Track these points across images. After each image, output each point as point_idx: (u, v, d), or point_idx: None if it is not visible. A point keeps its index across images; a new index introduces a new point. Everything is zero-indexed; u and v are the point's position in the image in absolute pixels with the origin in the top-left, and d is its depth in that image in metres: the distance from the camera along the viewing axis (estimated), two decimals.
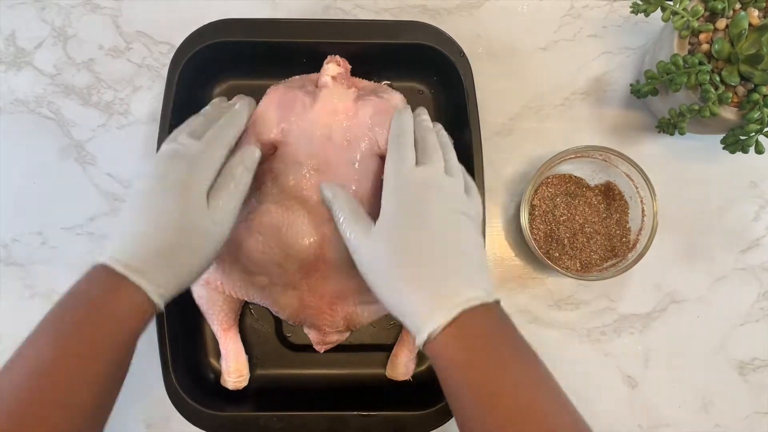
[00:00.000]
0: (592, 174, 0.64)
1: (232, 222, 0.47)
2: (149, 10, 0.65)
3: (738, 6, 0.54)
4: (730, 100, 0.53)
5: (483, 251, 0.47)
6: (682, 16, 0.53)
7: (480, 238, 0.47)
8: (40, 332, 0.41)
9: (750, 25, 0.53)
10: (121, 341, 0.41)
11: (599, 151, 0.59)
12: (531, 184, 0.59)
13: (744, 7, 0.54)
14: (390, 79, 0.63)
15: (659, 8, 0.54)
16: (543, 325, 0.63)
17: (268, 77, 0.59)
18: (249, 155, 0.49)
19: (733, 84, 0.53)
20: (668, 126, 0.59)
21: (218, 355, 0.60)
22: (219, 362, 0.60)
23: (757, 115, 0.52)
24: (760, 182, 0.65)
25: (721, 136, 0.56)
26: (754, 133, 0.53)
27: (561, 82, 0.66)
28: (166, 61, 0.64)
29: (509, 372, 0.40)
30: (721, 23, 0.54)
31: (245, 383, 0.59)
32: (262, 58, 0.59)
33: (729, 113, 0.54)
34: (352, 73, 0.57)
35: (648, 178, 0.59)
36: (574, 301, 0.63)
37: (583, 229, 0.62)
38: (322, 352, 0.58)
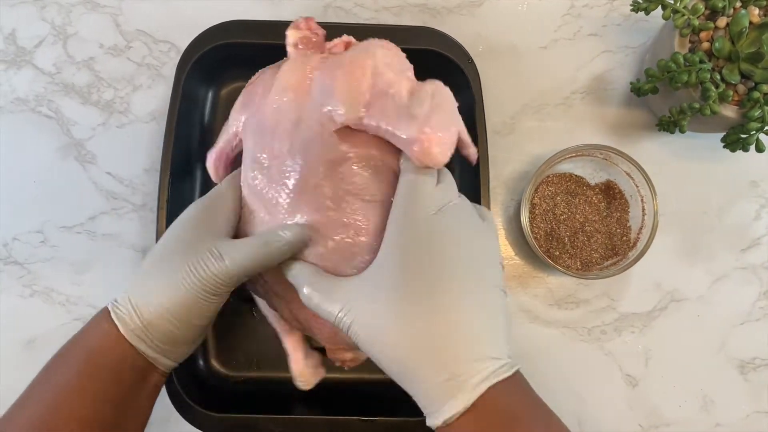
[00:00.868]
0: (592, 173, 0.64)
1: (243, 273, 0.42)
2: (150, 9, 0.65)
3: (738, 4, 0.54)
4: (731, 99, 0.53)
5: (503, 300, 0.39)
6: (683, 14, 0.53)
7: (502, 281, 0.40)
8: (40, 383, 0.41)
9: (750, 23, 0.53)
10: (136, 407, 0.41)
11: (600, 149, 0.59)
12: (531, 183, 0.59)
13: (744, 5, 0.54)
14: None
15: (659, 6, 0.54)
16: (543, 324, 0.63)
17: None
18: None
19: (733, 82, 0.53)
20: (669, 124, 0.59)
21: (219, 356, 0.59)
22: (220, 364, 0.59)
23: (757, 113, 0.52)
24: (761, 181, 0.65)
25: (722, 135, 0.56)
26: (754, 132, 0.53)
27: (561, 81, 0.66)
28: (167, 59, 0.65)
29: None
30: (722, 21, 0.54)
31: (308, 387, 0.53)
32: (270, 61, 0.59)
33: (729, 111, 0.54)
34: None
35: (648, 177, 0.59)
36: (574, 300, 0.63)
37: (584, 228, 0.62)
38: (346, 368, 0.53)
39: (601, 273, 0.60)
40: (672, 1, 0.54)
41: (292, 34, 0.46)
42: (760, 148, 0.54)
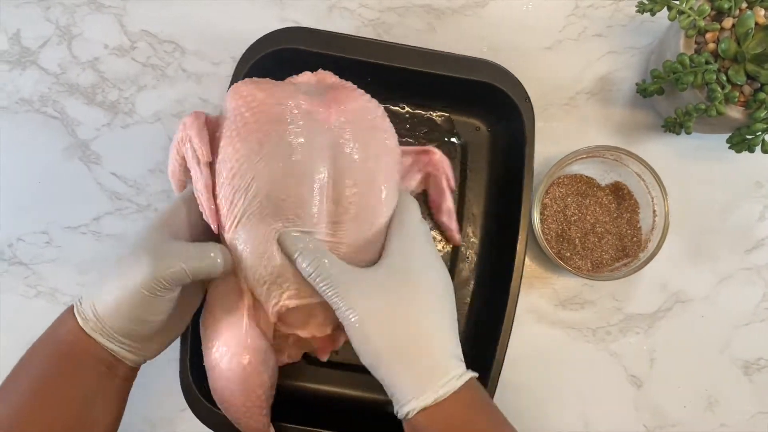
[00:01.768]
0: (602, 174, 0.64)
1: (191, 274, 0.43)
2: (154, 9, 0.65)
3: (744, 5, 0.54)
4: (737, 100, 0.53)
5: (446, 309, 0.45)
6: (689, 15, 0.53)
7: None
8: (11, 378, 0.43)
9: (756, 24, 0.53)
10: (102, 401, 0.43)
11: (610, 150, 0.59)
12: (542, 184, 0.59)
13: (750, 6, 0.54)
14: (449, 112, 0.63)
15: (665, 7, 0.54)
16: (549, 324, 0.63)
17: None
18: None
19: (739, 83, 0.53)
20: (674, 125, 0.58)
21: None
22: None
23: (763, 114, 0.52)
24: (766, 182, 0.65)
25: (727, 136, 0.56)
26: (760, 133, 0.53)
27: (566, 82, 0.65)
28: (171, 60, 0.65)
29: None
30: (728, 22, 0.54)
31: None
32: (330, 70, 0.58)
33: (735, 112, 0.54)
34: (411, 99, 0.57)
35: (659, 178, 0.59)
36: (579, 301, 0.63)
37: (594, 229, 0.62)
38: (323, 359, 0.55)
39: (612, 274, 0.60)
40: (678, 2, 0.54)
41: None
42: (766, 149, 0.54)
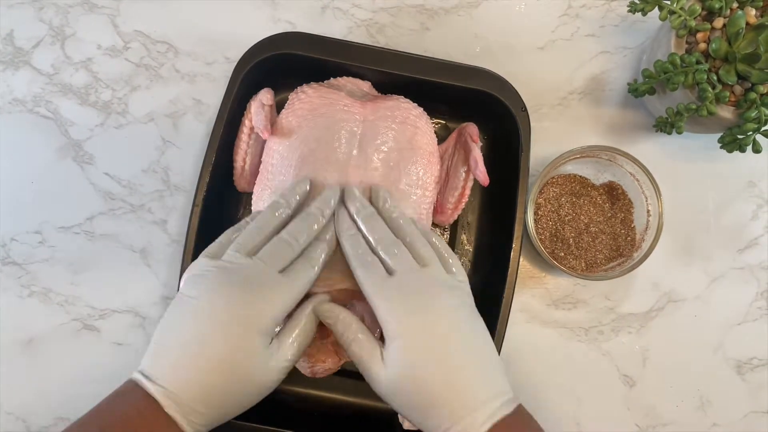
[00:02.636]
0: (596, 173, 0.64)
1: (288, 370, 0.44)
2: (147, 10, 0.65)
3: (735, 5, 0.54)
4: (728, 99, 0.53)
5: (490, 340, 0.45)
6: (680, 15, 0.53)
7: (480, 324, 0.45)
8: None
9: (747, 24, 0.53)
10: None
11: (604, 150, 0.59)
12: (536, 184, 0.59)
13: (741, 6, 0.54)
14: (445, 119, 0.64)
15: (656, 7, 0.54)
16: (541, 324, 0.63)
17: None
18: (320, 302, 0.47)
19: (730, 83, 0.53)
20: (666, 125, 0.59)
21: None
22: None
23: (754, 114, 0.52)
24: (758, 181, 0.65)
25: (719, 136, 0.56)
26: (751, 132, 0.53)
27: (559, 82, 0.66)
28: (165, 60, 0.65)
29: None
30: (719, 22, 0.54)
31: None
32: (327, 75, 0.59)
33: (726, 112, 0.54)
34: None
35: (653, 178, 0.59)
36: (572, 301, 0.63)
37: (588, 229, 0.62)
38: (311, 376, 0.56)
39: (606, 274, 0.60)
40: (669, 2, 0.54)
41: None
42: (757, 149, 0.54)
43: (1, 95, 0.64)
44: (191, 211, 0.56)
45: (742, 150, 0.55)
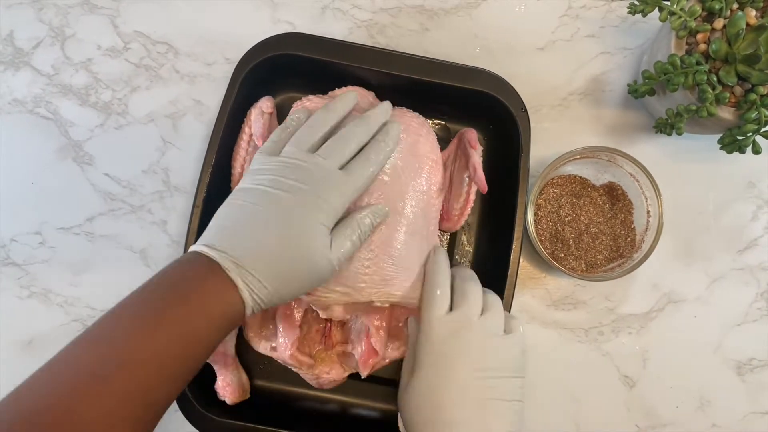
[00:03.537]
0: (596, 174, 0.64)
1: (341, 264, 0.46)
2: (147, 11, 0.65)
3: (735, 6, 0.54)
4: (728, 100, 0.53)
5: (518, 409, 0.46)
6: (680, 16, 0.53)
7: (516, 391, 0.47)
8: (122, 313, 0.40)
9: (747, 25, 0.53)
10: (206, 342, 0.40)
11: (604, 151, 0.59)
12: (536, 185, 0.59)
13: (741, 7, 0.54)
14: (445, 120, 0.64)
15: (656, 8, 0.54)
16: (541, 324, 0.63)
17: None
18: (379, 211, 0.49)
19: (730, 84, 0.53)
20: (666, 126, 0.59)
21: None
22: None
23: (754, 115, 0.52)
24: (758, 182, 0.65)
25: (719, 137, 0.56)
26: (751, 133, 0.53)
27: (558, 83, 0.66)
28: (165, 61, 0.65)
29: None
30: (719, 23, 0.54)
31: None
32: (327, 76, 0.59)
33: (726, 113, 0.54)
34: (408, 107, 0.57)
35: (653, 179, 0.59)
36: (572, 301, 0.64)
37: (588, 230, 0.62)
38: (317, 387, 0.58)
39: (607, 275, 0.60)
40: (669, 3, 0.54)
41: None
42: (757, 150, 0.54)
43: (1, 96, 0.64)
44: (191, 212, 0.56)
45: (742, 151, 0.55)
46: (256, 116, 0.55)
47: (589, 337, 0.63)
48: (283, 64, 0.58)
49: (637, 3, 0.55)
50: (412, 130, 0.54)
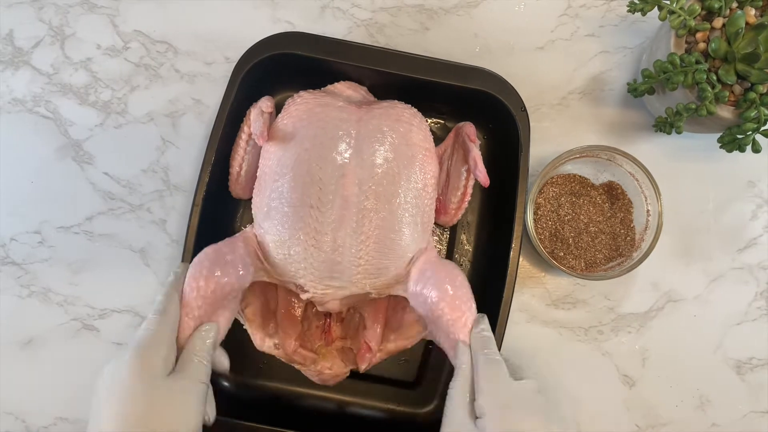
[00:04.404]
0: (595, 173, 0.64)
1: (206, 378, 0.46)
2: (147, 10, 0.65)
3: (735, 5, 0.54)
4: (727, 99, 0.53)
5: None
6: (679, 15, 0.53)
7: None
8: None
9: (747, 23, 0.53)
10: None
11: (604, 150, 0.59)
12: (536, 184, 0.59)
13: (741, 6, 0.54)
14: (444, 119, 0.64)
15: (656, 7, 0.54)
16: (541, 323, 0.63)
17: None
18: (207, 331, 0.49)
19: (729, 83, 0.53)
20: (665, 125, 0.59)
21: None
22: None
23: (753, 113, 0.52)
24: (758, 181, 0.65)
25: (718, 135, 0.56)
26: (750, 132, 0.53)
27: (558, 82, 0.66)
28: (164, 60, 0.65)
29: None
30: (718, 22, 0.54)
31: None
32: (326, 75, 0.59)
33: (726, 112, 0.54)
34: (411, 105, 0.57)
35: (653, 178, 0.59)
36: (571, 300, 0.63)
37: (588, 229, 0.62)
38: (321, 384, 0.57)
39: (606, 273, 0.60)
40: (668, 2, 0.54)
41: None
42: (757, 149, 0.54)
43: (1, 95, 0.64)
44: (191, 211, 0.56)
45: (742, 150, 0.55)
46: (256, 115, 0.55)
47: (589, 336, 0.63)
48: (282, 64, 0.58)
49: (637, 2, 0.55)
50: (404, 120, 0.54)
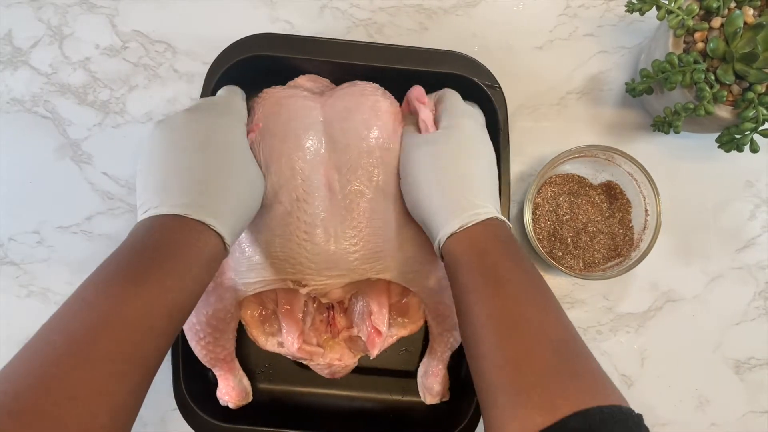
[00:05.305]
0: (594, 173, 0.64)
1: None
2: (146, 10, 0.65)
3: (733, 4, 0.54)
4: (725, 99, 0.53)
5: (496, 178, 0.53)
6: (677, 15, 0.53)
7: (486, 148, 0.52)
8: (106, 278, 0.41)
9: (745, 23, 0.53)
10: (197, 289, 0.43)
11: (602, 150, 0.59)
12: (534, 184, 0.59)
13: (739, 6, 0.54)
14: None
15: (654, 7, 0.54)
16: None
17: None
18: None
19: (728, 82, 0.53)
20: (663, 125, 0.59)
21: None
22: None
23: (752, 113, 0.52)
24: (756, 181, 0.65)
25: (716, 135, 0.56)
26: (749, 132, 0.53)
27: (557, 82, 0.66)
28: (163, 60, 0.65)
29: (516, 262, 0.44)
30: (716, 22, 0.54)
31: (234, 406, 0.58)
32: (301, 72, 0.59)
33: (724, 112, 0.54)
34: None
35: (651, 177, 0.59)
36: (570, 300, 0.64)
37: (587, 229, 0.62)
38: (330, 377, 0.58)
39: (605, 273, 0.60)
40: (666, 2, 0.54)
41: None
42: (755, 149, 0.54)
43: (0, 95, 0.64)
44: None
45: (740, 149, 0.55)
46: None
47: (588, 336, 0.63)
48: (255, 66, 0.57)
49: (635, 1, 0.55)
50: (368, 93, 0.54)
